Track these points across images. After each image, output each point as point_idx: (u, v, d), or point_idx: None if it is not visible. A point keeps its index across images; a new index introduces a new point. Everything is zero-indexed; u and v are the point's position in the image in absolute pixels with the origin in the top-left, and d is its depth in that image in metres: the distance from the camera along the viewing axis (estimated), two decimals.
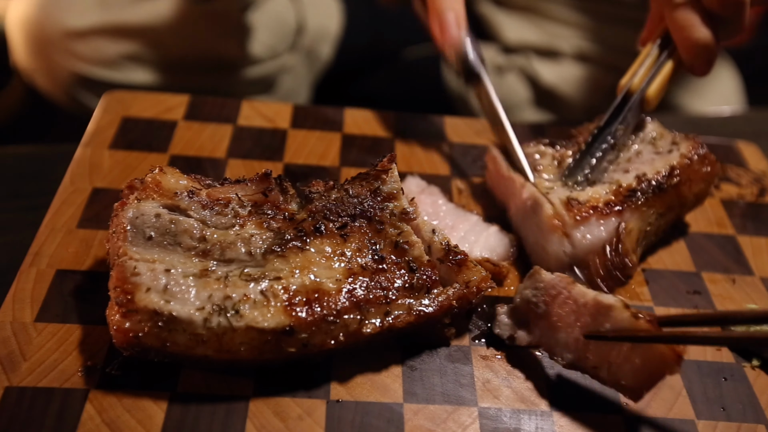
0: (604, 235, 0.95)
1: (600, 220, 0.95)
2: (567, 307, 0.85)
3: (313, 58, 1.79)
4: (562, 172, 1.04)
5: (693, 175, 1.05)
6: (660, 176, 1.01)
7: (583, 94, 1.74)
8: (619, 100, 1.08)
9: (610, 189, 0.99)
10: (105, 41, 1.54)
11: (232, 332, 0.76)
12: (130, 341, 0.76)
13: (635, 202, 0.98)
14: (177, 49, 1.59)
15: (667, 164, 1.03)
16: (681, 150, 1.06)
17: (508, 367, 0.88)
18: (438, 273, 0.86)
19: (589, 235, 0.95)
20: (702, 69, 1.07)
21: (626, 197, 0.98)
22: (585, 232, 0.95)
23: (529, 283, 0.89)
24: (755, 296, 1.02)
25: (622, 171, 1.04)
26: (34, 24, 1.53)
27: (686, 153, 1.05)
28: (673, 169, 1.03)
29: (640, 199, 0.98)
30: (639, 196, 0.98)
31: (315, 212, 0.87)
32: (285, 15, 1.70)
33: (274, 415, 0.79)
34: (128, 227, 0.81)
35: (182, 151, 1.13)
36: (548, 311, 0.86)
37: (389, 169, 0.91)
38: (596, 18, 1.74)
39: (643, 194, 0.99)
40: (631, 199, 0.98)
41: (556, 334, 0.85)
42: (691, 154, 1.05)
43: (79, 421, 0.75)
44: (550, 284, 0.87)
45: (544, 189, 1.00)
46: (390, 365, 0.85)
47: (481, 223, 1.03)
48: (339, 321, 0.79)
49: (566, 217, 0.95)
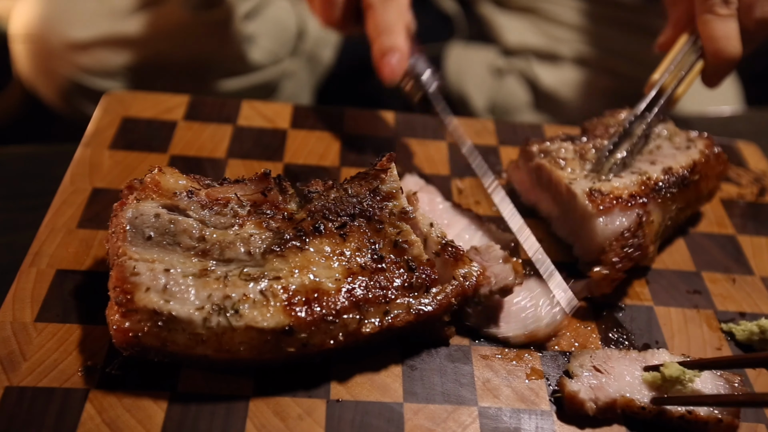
0: (631, 220, 0.97)
1: (625, 210, 0.97)
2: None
3: (315, 63, 1.79)
4: (585, 164, 1.05)
5: (710, 171, 1.08)
6: (686, 171, 1.04)
7: (582, 97, 1.74)
8: (653, 95, 1.10)
9: (639, 180, 1.01)
10: (107, 52, 1.54)
11: (232, 332, 0.76)
12: (130, 341, 0.76)
13: (662, 195, 1.00)
14: (177, 57, 1.59)
15: (690, 159, 1.06)
16: (698, 147, 1.09)
17: (508, 366, 0.87)
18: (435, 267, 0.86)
19: (618, 222, 0.96)
20: (718, 81, 1.10)
21: (653, 190, 1.00)
22: (612, 220, 0.96)
23: None
24: (755, 296, 1.02)
25: (648, 162, 1.06)
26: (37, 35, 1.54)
27: (704, 150, 1.08)
28: (696, 164, 1.05)
29: (667, 192, 1.00)
30: (665, 189, 1.01)
31: (314, 212, 0.87)
32: (286, 20, 1.70)
33: (274, 414, 0.79)
34: (128, 227, 0.81)
35: (182, 151, 1.13)
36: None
37: (388, 168, 0.91)
38: (596, 21, 1.74)
39: (668, 188, 1.01)
40: (659, 192, 1.00)
41: None
42: (708, 151, 1.08)
43: (79, 421, 0.75)
44: None
45: (570, 179, 1.02)
46: (390, 365, 0.85)
47: (477, 223, 1.03)
48: (338, 321, 0.79)
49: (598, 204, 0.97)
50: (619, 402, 0.82)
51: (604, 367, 0.86)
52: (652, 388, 0.83)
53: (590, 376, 0.84)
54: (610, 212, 0.97)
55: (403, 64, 1.09)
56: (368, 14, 1.11)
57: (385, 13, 1.09)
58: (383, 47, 1.08)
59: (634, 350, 0.89)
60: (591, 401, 0.82)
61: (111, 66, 1.55)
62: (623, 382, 0.84)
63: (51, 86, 1.60)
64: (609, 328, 0.94)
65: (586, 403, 0.82)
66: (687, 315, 0.98)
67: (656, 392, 0.83)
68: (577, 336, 0.92)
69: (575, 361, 0.87)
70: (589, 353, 0.88)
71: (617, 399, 0.82)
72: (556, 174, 1.04)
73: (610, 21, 1.74)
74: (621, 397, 0.82)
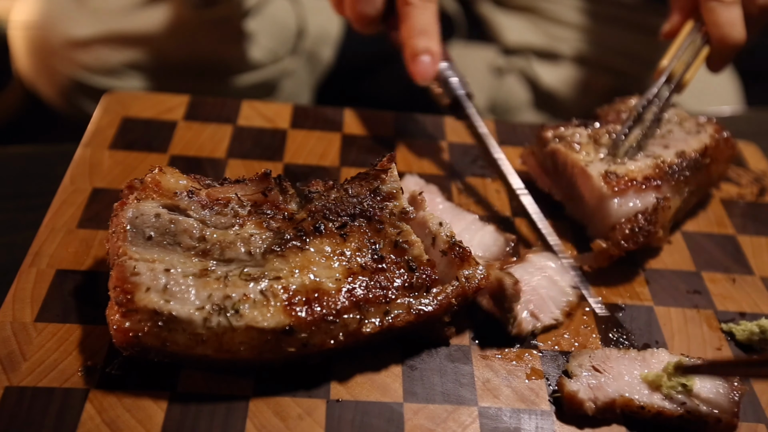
0: (647, 203, 0.99)
1: (640, 193, 1.00)
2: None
3: (314, 62, 1.79)
4: (600, 149, 1.07)
5: (719, 155, 1.11)
6: (698, 154, 1.06)
7: (581, 96, 1.74)
8: (663, 81, 1.12)
9: (653, 163, 1.03)
10: (107, 50, 1.54)
11: (232, 332, 0.76)
12: (130, 341, 0.76)
13: (675, 178, 1.02)
14: (178, 55, 1.59)
15: (702, 143, 1.09)
16: (708, 131, 1.11)
17: (508, 366, 0.87)
18: (438, 267, 0.86)
19: (632, 203, 0.99)
20: (722, 66, 1.12)
21: (666, 173, 1.02)
22: (626, 202, 0.99)
23: None
24: (755, 296, 1.02)
25: (661, 147, 1.08)
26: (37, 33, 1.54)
27: (714, 134, 1.11)
28: (707, 148, 1.08)
29: (680, 176, 1.03)
30: (678, 172, 1.03)
31: (314, 212, 0.87)
32: (286, 19, 1.70)
33: (274, 414, 0.79)
34: (128, 227, 0.81)
35: (182, 151, 1.13)
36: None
37: (389, 168, 0.91)
38: (596, 20, 1.74)
39: (681, 171, 1.03)
40: (672, 175, 1.03)
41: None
42: (718, 135, 1.11)
43: (79, 421, 0.75)
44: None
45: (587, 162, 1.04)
46: (390, 365, 0.85)
47: (477, 222, 1.03)
48: (339, 320, 0.79)
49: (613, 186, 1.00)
50: (618, 402, 0.82)
51: (603, 367, 0.86)
52: (652, 387, 0.83)
53: (589, 376, 0.84)
54: (624, 194, 1.00)
55: (435, 67, 1.11)
56: (405, 13, 1.12)
57: (422, 15, 1.11)
58: (417, 48, 1.10)
59: (633, 350, 0.89)
60: (590, 401, 0.82)
61: (111, 64, 1.55)
62: (622, 382, 0.84)
63: (51, 84, 1.59)
64: (609, 328, 0.94)
65: (585, 402, 0.82)
66: (687, 315, 0.98)
67: (656, 392, 0.83)
68: (577, 336, 0.93)
69: (574, 361, 0.87)
70: (588, 353, 0.88)
71: (616, 399, 0.82)
72: (572, 157, 1.06)
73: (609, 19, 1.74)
74: (620, 397, 0.82)
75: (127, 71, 1.57)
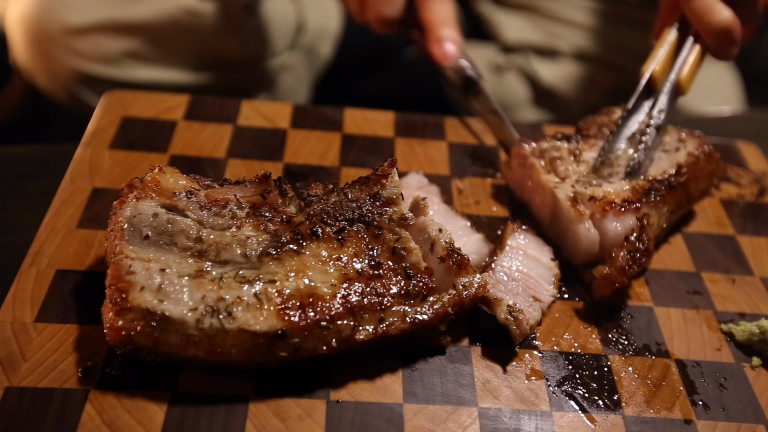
0: (629, 225, 0.97)
1: (619, 216, 0.98)
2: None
3: (313, 57, 1.79)
4: (579, 165, 1.06)
5: (699, 172, 1.08)
6: (671, 174, 1.04)
7: (581, 93, 1.74)
8: (642, 87, 1.11)
9: (631, 185, 1.01)
10: (106, 38, 1.53)
11: (224, 334, 0.76)
12: (123, 339, 0.75)
13: (652, 198, 1.01)
14: (177, 46, 1.59)
15: (675, 162, 1.06)
16: (688, 148, 1.08)
17: (508, 367, 0.88)
18: (436, 273, 0.86)
19: (618, 226, 0.97)
20: (727, 52, 1.08)
21: (644, 194, 1.01)
22: (610, 225, 0.97)
23: None
24: (755, 296, 1.02)
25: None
26: (34, 21, 1.53)
27: (693, 151, 1.08)
28: (681, 166, 1.05)
29: (656, 196, 1.01)
30: (654, 192, 1.01)
31: (313, 215, 0.87)
32: (285, 14, 1.70)
33: (274, 415, 0.79)
34: (125, 226, 0.81)
35: (182, 151, 1.13)
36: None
37: (389, 173, 0.91)
38: (596, 17, 1.74)
39: (658, 191, 1.01)
40: (649, 195, 1.01)
41: None
42: (698, 152, 1.08)
43: (79, 421, 0.76)
44: None
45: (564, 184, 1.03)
46: (390, 365, 0.85)
47: (467, 229, 1.01)
48: (332, 326, 0.78)
49: (589, 209, 0.98)
50: None
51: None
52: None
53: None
54: (602, 218, 0.97)
55: (457, 54, 1.24)
56: (425, 6, 1.25)
57: (444, 6, 1.26)
58: (441, 35, 1.23)
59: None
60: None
61: (110, 53, 1.54)
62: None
63: (50, 75, 1.58)
64: (609, 328, 0.94)
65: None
66: (687, 315, 0.98)
67: None
68: (576, 336, 0.93)
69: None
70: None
71: None
72: (542, 178, 1.04)
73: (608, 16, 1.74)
74: None
75: (127, 61, 1.56)
